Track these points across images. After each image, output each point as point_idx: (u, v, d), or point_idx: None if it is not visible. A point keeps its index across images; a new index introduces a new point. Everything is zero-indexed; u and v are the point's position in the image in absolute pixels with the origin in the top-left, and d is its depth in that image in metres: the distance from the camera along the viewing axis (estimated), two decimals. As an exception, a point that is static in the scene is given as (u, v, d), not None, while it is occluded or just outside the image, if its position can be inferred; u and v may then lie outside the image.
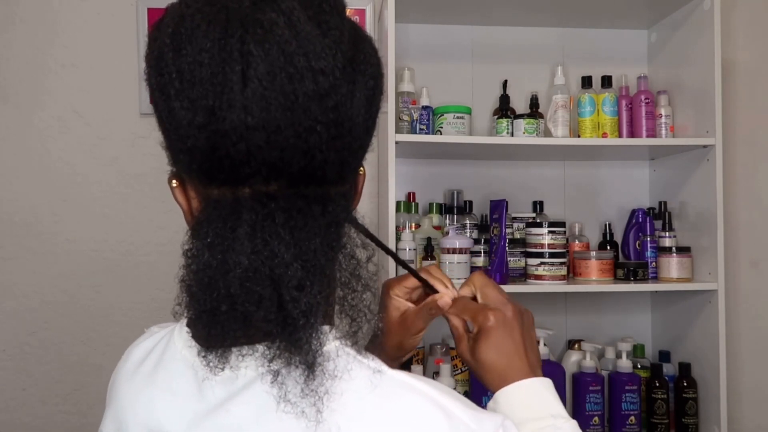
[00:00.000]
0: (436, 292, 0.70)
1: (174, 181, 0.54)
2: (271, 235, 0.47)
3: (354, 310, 0.52)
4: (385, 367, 0.50)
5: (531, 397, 0.62)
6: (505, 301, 0.68)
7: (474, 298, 0.70)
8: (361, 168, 0.58)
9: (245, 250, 0.47)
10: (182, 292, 0.50)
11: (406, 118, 1.71)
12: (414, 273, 0.71)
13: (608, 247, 1.80)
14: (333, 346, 0.51)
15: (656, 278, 1.72)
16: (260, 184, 0.48)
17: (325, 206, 0.51)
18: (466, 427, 0.48)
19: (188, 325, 0.56)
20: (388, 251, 0.63)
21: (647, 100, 1.73)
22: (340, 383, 0.48)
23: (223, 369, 0.49)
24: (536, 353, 0.66)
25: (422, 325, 0.71)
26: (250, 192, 0.49)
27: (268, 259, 0.47)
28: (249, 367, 0.50)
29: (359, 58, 0.52)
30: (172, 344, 0.56)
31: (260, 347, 0.49)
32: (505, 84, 1.81)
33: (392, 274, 1.53)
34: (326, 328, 0.52)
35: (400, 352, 0.73)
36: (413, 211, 1.80)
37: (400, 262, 0.69)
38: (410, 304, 0.73)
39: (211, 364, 0.49)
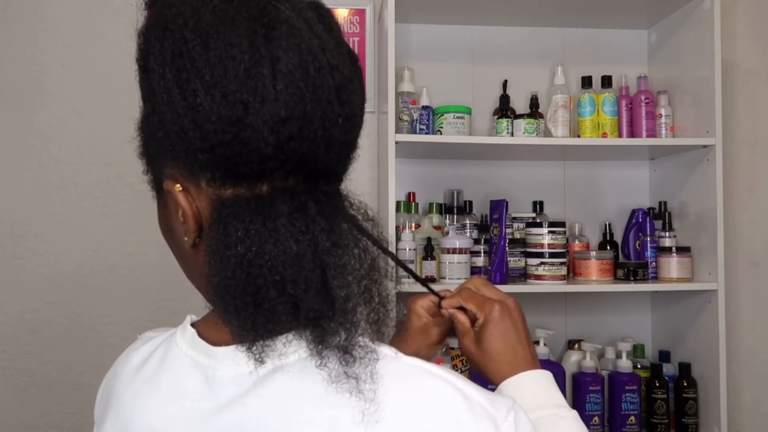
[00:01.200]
0: (432, 290, 0.75)
1: (178, 185, 0.52)
2: (307, 224, 0.49)
3: (373, 300, 0.53)
4: (400, 354, 0.52)
5: (534, 387, 0.65)
6: (505, 295, 0.72)
7: None
8: None
9: (288, 238, 0.48)
10: (213, 289, 0.50)
11: (406, 118, 1.71)
12: (414, 275, 0.73)
13: (608, 247, 1.80)
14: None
15: (656, 278, 1.72)
16: (279, 180, 0.50)
17: (341, 201, 0.54)
18: (482, 408, 0.49)
19: (194, 325, 0.56)
20: (387, 253, 0.63)
21: (647, 100, 1.74)
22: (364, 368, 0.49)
23: (263, 362, 0.49)
24: (533, 346, 0.70)
25: (439, 337, 0.76)
26: (268, 188, 0.50)
27: (310, 247, 0.49)
28: (268, 358, 0.50)
29: (354, 56, 0.54)
30: (175, 346, 0.56)
31: (281, 338, 0.49)
32: (505, 84, 1.81)
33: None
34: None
35: None
36: (413, 211, 1.80)
37: (398, 261, 0.69)
38: (431, 318, 0.77)
39: (255, 354, 0.49)
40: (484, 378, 0.68)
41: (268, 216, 0.48)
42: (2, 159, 1.78)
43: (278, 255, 0.48)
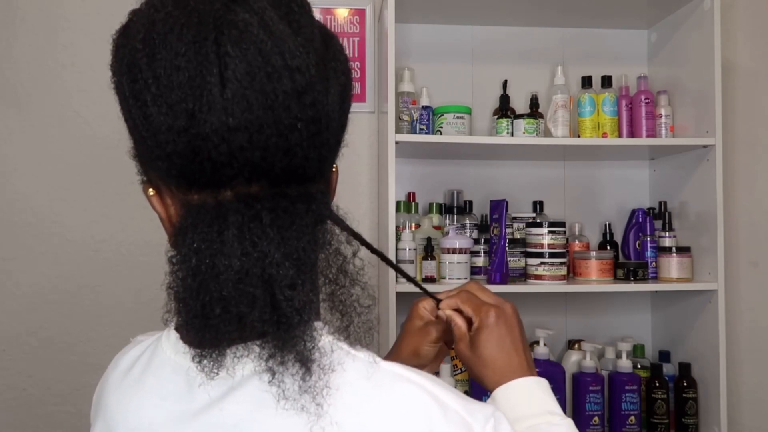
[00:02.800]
0: (427, 291, 0.73)
1: (150, 189, 0.53)
2: (259, 236, 0.48)
3: (343, 305, 0.53)
4: (378, 359, 0.51)
5: (528, 395, 0.64)
6: (502, 300, 0.70)
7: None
8: (334, 165, 0.58)
9: (235, 252, 0.47)
10: (170, 299, 0.50)
11: (406, 118, 1.71)
12: (402, 272, 0.71)
13: (608, 247, 1.80)
14: (327, 341, 0.51)
15: (656, 278, 1.72)
16: (242, 186, 0.49)
17: (308, 204, 0.51)
18: (458, 416, 0.49)
19: (178, 330, 0.55)
20: (372, 249, 0.62)
21: (647, 100, 1.74)
22: (336, 377, 0.49)
23: (218, 373, 0.49)
24: (530, 353, 0.69)
25: (438, 335, 0.74)
26: (232, 195, 0.49)
27: (259, 260, 0.47)
28: (246, 366, 0.50)
29: (330, 55, 0.52)
30: (160, 350, 0.56)
31: (255, 347, 0.49)
32: (505, 84, 1.81)
33: (382, 269, 1.53)
34: (319, 324, 0.52)
35: (417, 360, 0.75)
36: (413, 211, 1.80)
37: (386, 260, 0.68)
38: (432, 317, 0.76)
39: (206, 369, 0.49)
40: (480, 384, 0.67)
41: (221, 227, 0.48)
42: (2, 159, 1.78)
43: (225, 271, 0.47)
